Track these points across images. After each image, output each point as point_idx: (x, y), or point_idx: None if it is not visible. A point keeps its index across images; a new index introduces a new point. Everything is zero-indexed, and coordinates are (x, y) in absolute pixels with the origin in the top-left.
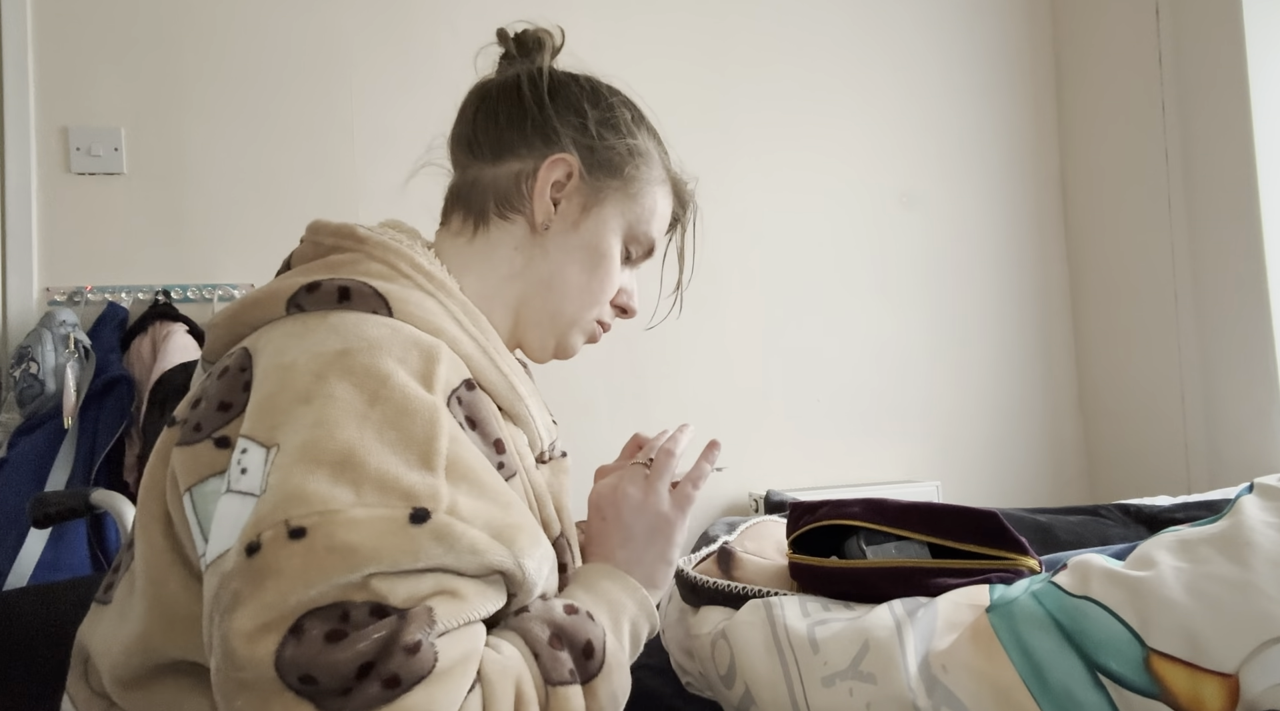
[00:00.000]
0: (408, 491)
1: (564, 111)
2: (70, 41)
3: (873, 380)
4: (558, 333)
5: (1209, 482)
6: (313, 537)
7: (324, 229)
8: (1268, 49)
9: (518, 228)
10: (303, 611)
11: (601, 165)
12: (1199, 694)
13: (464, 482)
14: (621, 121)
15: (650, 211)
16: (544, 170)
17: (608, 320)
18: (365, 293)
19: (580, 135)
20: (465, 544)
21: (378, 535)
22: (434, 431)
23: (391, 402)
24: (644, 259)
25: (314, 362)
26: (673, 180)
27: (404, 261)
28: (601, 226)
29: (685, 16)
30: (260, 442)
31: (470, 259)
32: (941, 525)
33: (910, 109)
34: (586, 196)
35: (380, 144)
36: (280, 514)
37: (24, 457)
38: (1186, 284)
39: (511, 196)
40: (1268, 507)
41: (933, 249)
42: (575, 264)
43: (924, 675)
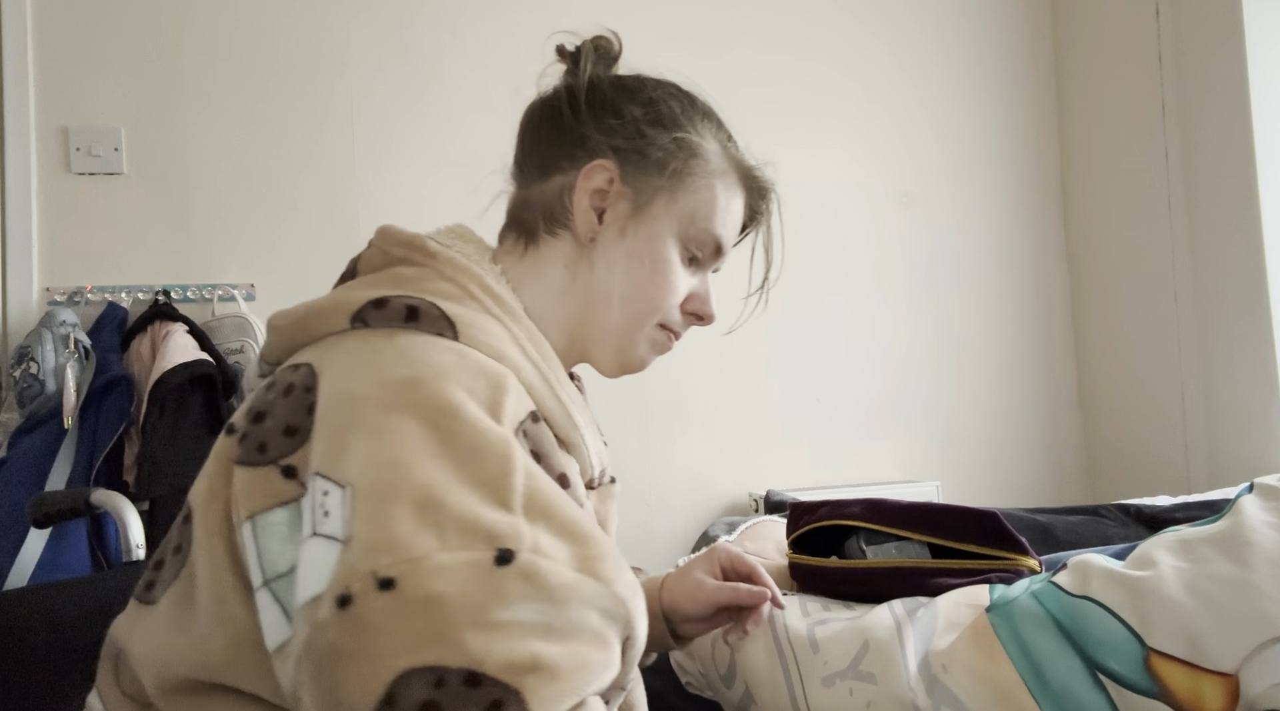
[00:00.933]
0: (490, 532)
1: (601, 116)
2: (70, 41)
3: (873, 380)
4: (619, 347)
5: (1209, 482)
6: (402, 588)
7: (394, 238)
8: (1268, 49)
9: (565, 243)
10: (397, 674)
11: (645, 166)
12: (1199, 693)
13: (542, 518)
14: (666, 115)
15: (709, 207)
16: (581, 179)
17: (677, 328)
18: (433, 314)
19: (620, 138)
20: (553, 582)
21: (464, 581)
22: (509, 467)
23: (463, 438)
24: (715, 260)
25: (383, 393)
26: (740, 169)
27: (474, 282)
28: (652, 230)
29: (685, 16)
30: (336, 482)
31: (522, 277)
32: (941, 525)
33: (910, 109)
34: (632, 201)
35: (380, 144)
36: (367, 563)
37: (24, 457)
38: (1186, 284)
39: (556, 211)
40: (1268, 507)
41: (933, 249)
42: (627, 273)
43: (924, 674)
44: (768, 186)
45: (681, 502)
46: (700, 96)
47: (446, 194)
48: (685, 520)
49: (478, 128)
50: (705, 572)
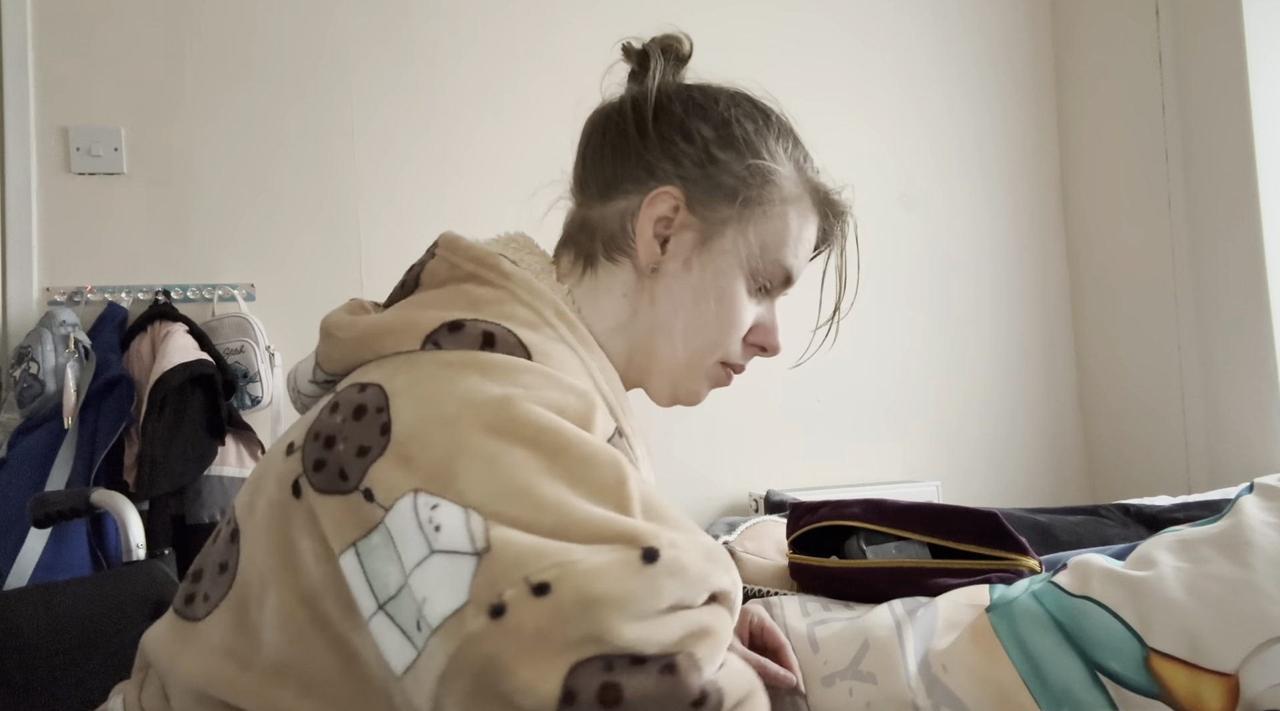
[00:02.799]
0: (629, 534)
1: (670, 136)
2: (70, 41)
3: (872, 380)
4: (675, 382)
5: (1209, 482)
6: (558, 591)
7: (464, 251)
8: (1268, 49)
9: (626, 272)
10: (568, 670)
11: (714, 193)
12: (1199, 693)
13: (658, 517)
14: (739, 138)
15: (781, 236)
16: (645, 207)
17: (739, 361)
18: (510, 341)
19: (688, 162)
20: (694, 574)
21: (620, 580)
22: (621, 474)
23: (571, 452)
24: (784, 288)
25: (479, 414)
26: (815, 194)
27: (549, 308)
28: (719, 262)
29: (684, 16)
30: (451, 500)
31: (583, 301)
32: (941, 525)
33: (910, 109)
34: (700, 230)
35: (380, 145)
36: (518, 571)
37: (24, 457)
38: (1186, 284)
39: (618, 237)
40: (1268, 507)
41: (933, 249)
42: (690, 307)
43: (924, 674)
44: (845, 210)
45: (681, 503)
46: (776, 110)
47: (447, 194)
48: None
49: (479, 128)
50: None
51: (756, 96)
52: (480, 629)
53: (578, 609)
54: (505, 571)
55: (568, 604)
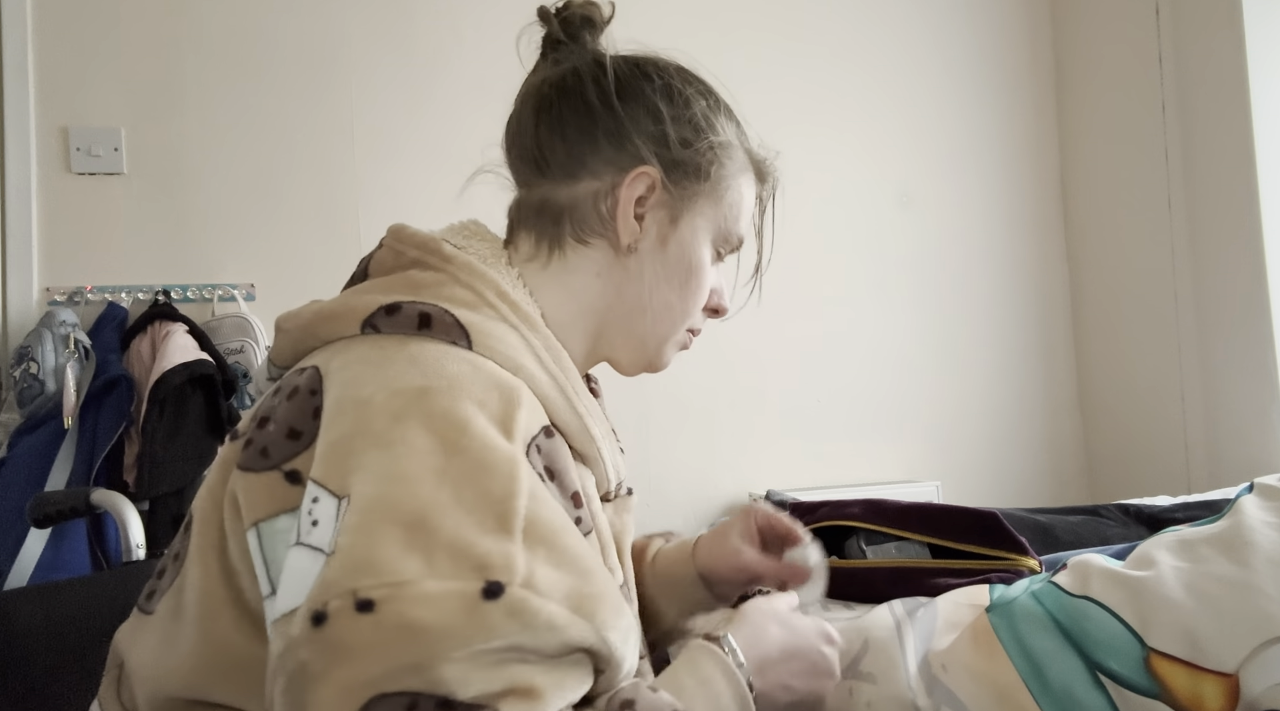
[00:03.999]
0: (482, 561)
1: (638, 115)
2: (70, 41)
3: (872, 380)
4: (650, 352)
5: (1209, 482)
6: (381, 612)
7: (408, 239)
8: (1268, 49)
9: (598, 252)
10: (369, 697)
11: (685, 171)
12: (1199, 693)
13: (542, 547)
14: (700, 116)
15: (738, 206)
16: (625, 188)
17: (699, 326)
18: (446, 321)
19: (658, 140)
20: (542, 620)
21: (449, 613)
22: (513, 488)
23: (470, 454)
24: (732, 253)
25: (392, 401)
26: (755, 163)
27: (490, 288)
28: (692, 236)
29: (684, 16)
30: (332, 492)
31: (544, 285)
32: (941, 526)
33: (910, 108)
34: (672, 207)
35: (380, 144)
36: (349, 582)
37: (24, 457)
38: (1186, 284)
39: (590, 219)
40: (1268, 507)
41: (932, 249)
42: (667, 281)
43: (924, 674)
44: (774, 175)
45: (681, 502)
46: (715, 86)
47: (446, 194)
48: (685, 520)
49: (478, 128)
50: (742, 537)
51: (692, 69)
52: (300, 634)
53: (396, 634)
54: (338, 580)
55: (388, 627)
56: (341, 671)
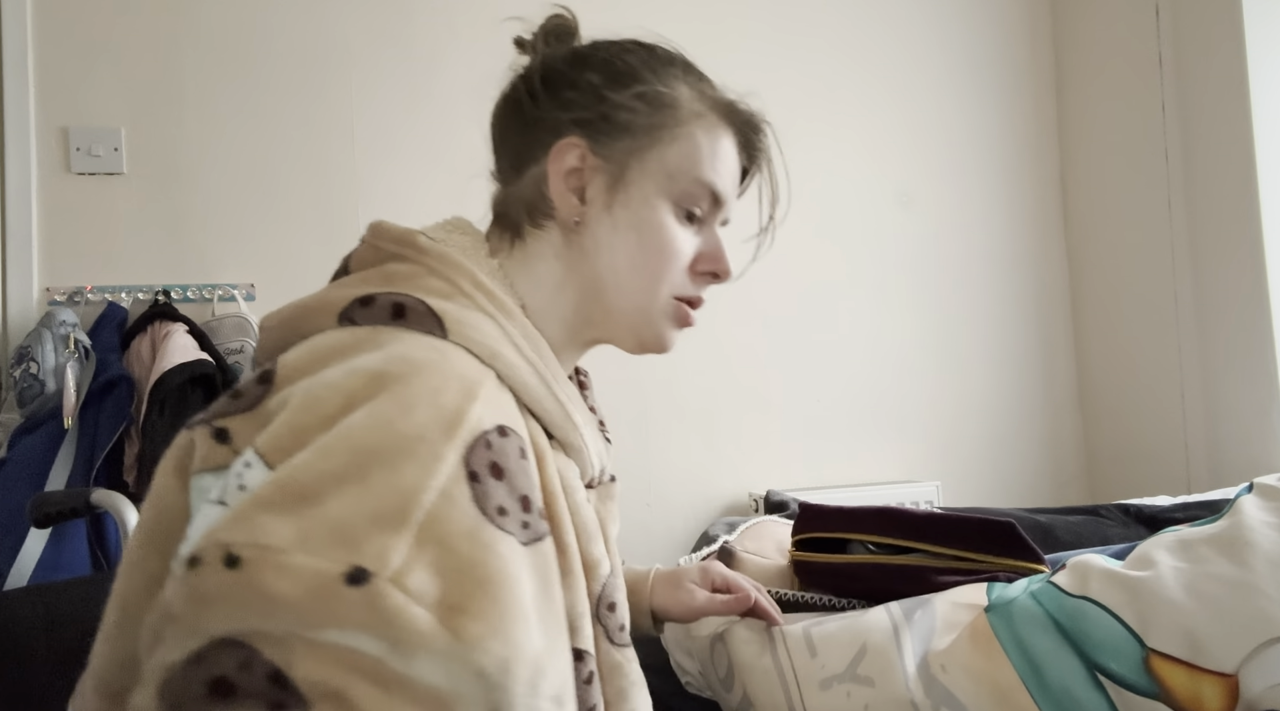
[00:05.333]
0: (356, 546)
1: (561, 93)
2: (70, 41)
3: (872, 380)
4: (634, 328)
5: (1209, 482)
6: (244, 571)
7: (386, 233)
8: (1268, 49)
9: (552, 234)
10: (209, 641)
11: (613, 130)
12: (1199, 694)
13: (435, 548)
14: (624, 72)
15: (692, 156)
16: (552, 163)
17: (692, 293)
18: (420, 311)
19: (581, 109)
20: (400, 621)
21: (305, 589)
22: (426, 482)
23: (397, 439)
24: (717, 211)
25: (347, 382)
26: (719, 108)
27: (465, 278)
28: (638, 197)
29: (684, 16)
30: (268, 464)
31: (518, 275)
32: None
33: (910, 108)
34: (609, 172)
35: (380, 144)
36: (226, 536)
37: (24, 457)
38: (1186, 284)
39: (537, 203)
40: (1267, 507)
41: (932, 249)
42: (623, 249)
43: (922, 675)
44: (756, 118)
45: (681, 502)
46: (662, 44)
47: (446, 194)
48: (685, 520)
49: (478, 127)
50: (698, 585)
51: (641, 37)
52: (177, 573)
53: (251, 596)
54: (218, 532)
55: (245, 586)
56: (194, 615)
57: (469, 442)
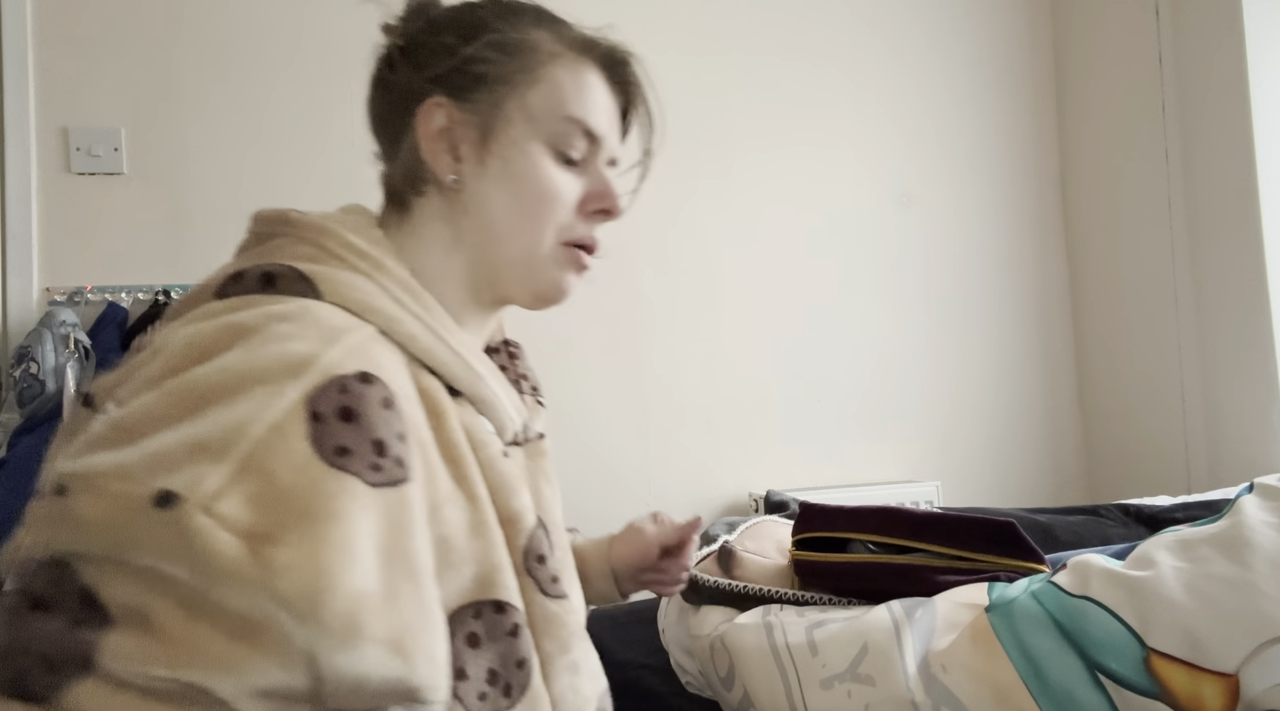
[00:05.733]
0: (170, 472)
1: (418, 59)
2: (70, 41)
3: (873, 380)
4: (526, 278)
5: (1209, 482)
6: (66, 498)
7: (262, 217)
8: (1268, 49)
9: (434, 198)
10: (28, 558)
11: (472, 83)
12: (1199, 694)
13: (256, 480)
14: (477, 24)
15: (555, 96)
16: (420, 127)
17: (582, 237)
18: (289, 276)
19: (438, 68)
20: (205, 545)
21: (113, 513)
22: (257, 415)
23: (236, 378)
24: (595, 149)
25: (202, 334)
26: (576, 45)
27: (334, 241)
28: (508, 145)
29: (684, 17)
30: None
31: (404, 243)
32: (958, 537)
33: (910, 108)
34: (477, 126)
35: None
36: (60, 468)
37: (24, 457)
38: (1186, 284)
39: (416, 171)
40: (1268, 507)
41: (933, 249)
42: (503, 200)
43: (923, 674)
44: (618, 50)
45: (681, 502)
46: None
47: None
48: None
49: None
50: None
51: None
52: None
53: (68, 520)
54: (58, 465)
55: (65, 511)
56: (27, 539)
57: (318, 384)
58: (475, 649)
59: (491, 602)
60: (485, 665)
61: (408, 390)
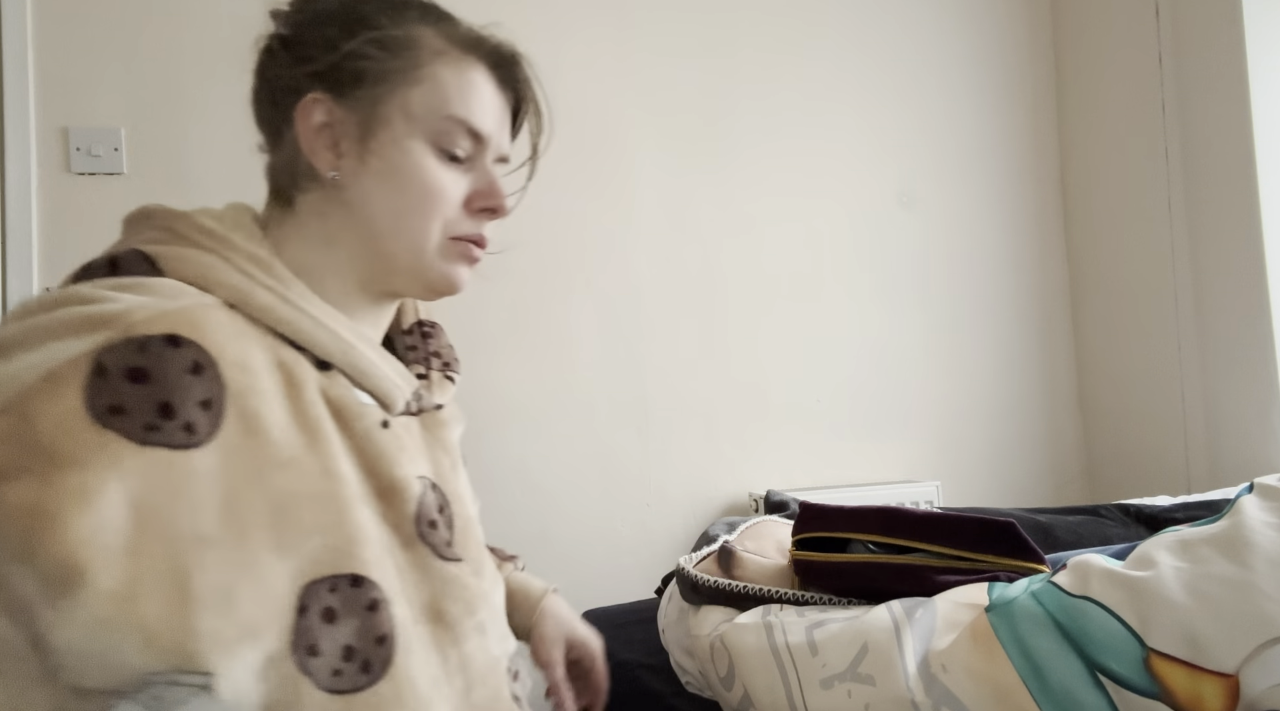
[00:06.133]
0: None
1: (300, 51)
2: (70, 41)
3: (873, 380)
4: (416, 274)
5: (1209, 482)
6: None
7: (128, 217)
8: (1268, 49)
9: (315, 193)
10: None
11: (353, 79)
12: (1199, 694)
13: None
14: (359, 19)
15: (438, 94)
16: (299, 122)
17: (470, 231)
18: (132, 258)
19: (319, 63)
20: None
21: None
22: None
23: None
24: (481, 148)
25: (25, 302)
26: (462, 43)
27: (184, 224)
28: (389, 142)
29: (682, 16)
30: None
31: (285, 239)
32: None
33: (910, 109)
34: (357, 123)
35: None
36: None
37: None
38: (1186, 284)
39: (298, 166)
40: (1268, 507)
41: (933, 249)
42: (385, 196)
43: (923, 674)
44: (505, 48)
45: (681, 502)
46: None
47: None
48: (685, 520)
49: None
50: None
51: None
52: None
53: None
54: None
55: None
56: None
57: (112, 341)
58: (331, 624)
59: (347, 576)
60: (341, 641)
61: (250, 360)
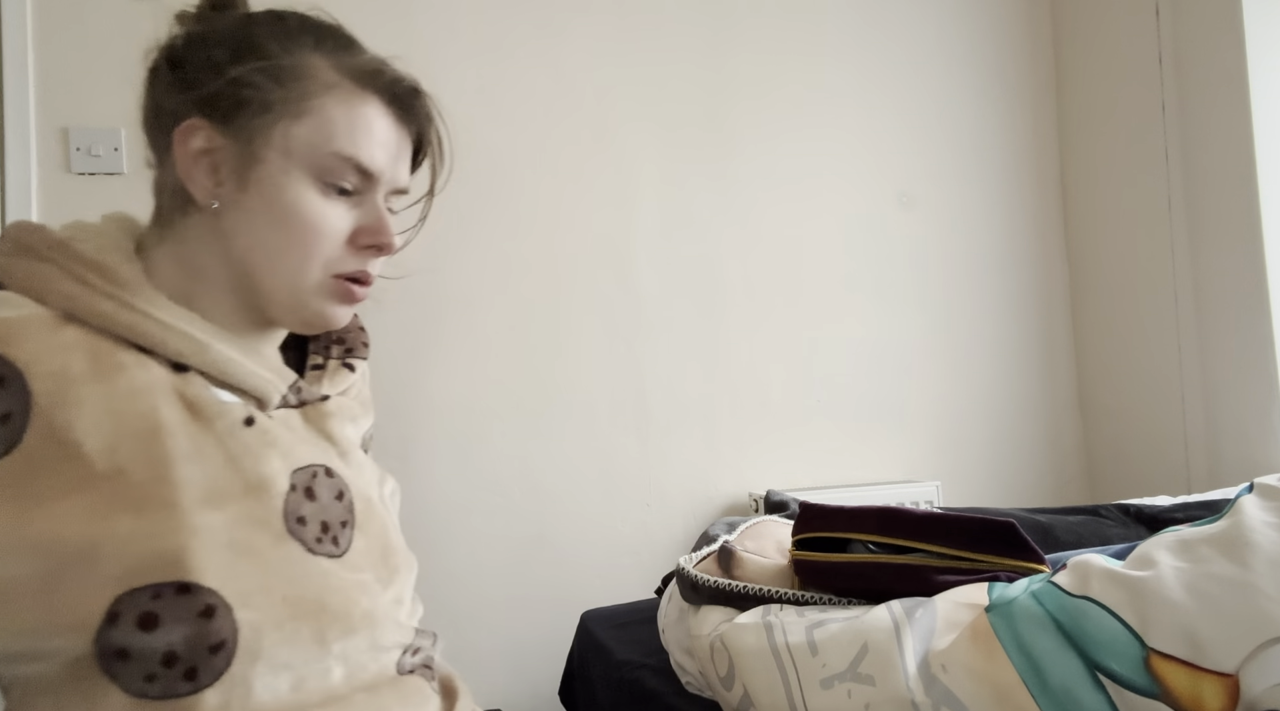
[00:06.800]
0: None
1: (187, 75)
2: (70, 41)
3: (873, 380)
4: (289, 307)
5: (1209, 482)
6: None
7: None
8: (1268, 49)
9: (194, 218)
10: None
11: (237, 108)
12: (1199, 694)
13: None
14: (249, 46)
15: (325, 129)
16: (178, 147)
17: (353, 269)
18: None
19: (204, 88)
20: None
21: None
22: None
23: None
24: (370, 184)
25: None
26: (357, 76)
27: (34, 236)
28: (271, 174)
29: (682, 16)
30: None
31: (161, 261)
32: (957, 537)
33: (910, 108)
34: (238, 153)
35: None
36: None
37: None
38: (1186, 284)
39: (177, 187)
40: (1268, 507)
41: (933, 249)
42: (263, 229)
43: (923, 674)
44: (404, 82)
45: (681, 502)
46: (298, 13)
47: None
48: (685, 520)
49: (476, 126)
50: None
51: (277, 8)
52: None
53: None
54: None
55: None
56: None
57: None
58: (149, 631)
59: (173, 584)
60: (160, 647)
61: (70, 370)
